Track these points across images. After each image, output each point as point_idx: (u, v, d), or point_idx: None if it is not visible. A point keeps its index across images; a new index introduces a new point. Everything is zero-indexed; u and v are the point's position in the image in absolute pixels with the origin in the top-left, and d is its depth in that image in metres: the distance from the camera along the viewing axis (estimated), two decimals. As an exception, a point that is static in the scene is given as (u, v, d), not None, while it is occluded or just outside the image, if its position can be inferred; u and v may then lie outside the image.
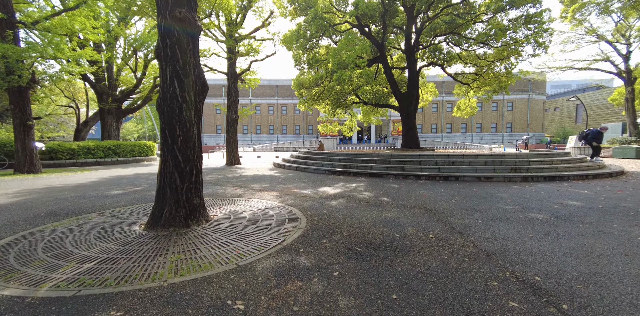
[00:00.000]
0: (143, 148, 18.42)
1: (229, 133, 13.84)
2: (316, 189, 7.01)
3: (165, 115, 3.73)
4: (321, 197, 6.09)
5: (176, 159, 3.74)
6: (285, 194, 6.38)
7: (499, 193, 6.48)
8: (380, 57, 15.49)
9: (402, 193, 6.43)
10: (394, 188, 7.20)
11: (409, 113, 15.61)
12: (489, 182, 8.06)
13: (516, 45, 14.10)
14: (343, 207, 5.18)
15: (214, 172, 10.88)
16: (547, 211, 4.79)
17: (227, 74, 14.14)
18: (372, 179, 8.79)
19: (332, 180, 8.55)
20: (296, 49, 16.29)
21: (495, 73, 16.36)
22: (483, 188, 7.07)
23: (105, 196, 6.31)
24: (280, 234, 3.59)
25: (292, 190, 6.92)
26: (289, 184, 7.83)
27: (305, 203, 5.43)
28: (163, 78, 3.74)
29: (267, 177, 9.32)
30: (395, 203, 5.44)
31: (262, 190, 6.84)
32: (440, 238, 3.50)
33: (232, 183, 7.94)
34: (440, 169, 8.93)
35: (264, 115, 52.63)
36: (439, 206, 5.23)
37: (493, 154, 9.66)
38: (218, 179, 8.79)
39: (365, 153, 10.75)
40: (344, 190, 6.84)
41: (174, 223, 3.65)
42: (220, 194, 6.39)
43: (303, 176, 9.57)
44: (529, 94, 48.09)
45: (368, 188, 7.11)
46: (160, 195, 3.76)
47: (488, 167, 8.87)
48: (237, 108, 14.06)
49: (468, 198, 5.88)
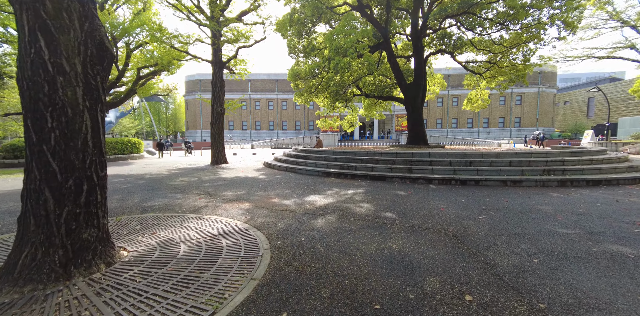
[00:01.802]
0: (127, 145, 17.04)
1: (214, 129, 12.37)
2: (302, 199, 5.54)
3: (25, 94, 2.26)
4: (305, 211, 4.62)
5: (47, 168, 2.28)
6: (259, 207, 4.91)
7: (538, 204, 4.96)
8: (384, 43, 13.86)
9: (411, 205, 4.94)
10: (400, 196, 5.71)
11: (415, 106, 14.02)
12: (517, 188, 6.53)
13: (538, 27, 12.40)
14: (331, 230, 3.70)
15: (189, 174, 9.45)
16: (629, 239, 3.27)
17: (211, 62, 12.63)
18: (373, 183, 7.30)
19: (325, 185, 7.07)
20: (290, 35, 14.71)
21: (509, 61, 14.68)
22: (514, 197, 5.55)
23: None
24: (214, 297, 2.13)
25: (271, 199, 5.45)
26: (271, 191, 6.36)
27: (279, 224, 3.96)
28: (20, 32, 2.25)
29: (248, 181, 7.86)
30: (403, 223, 3.95)
31: (233, 201, 5.38)
32: (485, 305, 2.02)
33: (200, 190, 6.49)
34: (456, 171, 7.41)
35: (263, 110, 51.13)
36: (465, 228, 3.73)
37: (519, 152, 8.11)
38: (187, 184, 7.35)
39: (366, 151, 9.26)
40: (336, 200, 5.36)
41: (37, 275, 2.20)
42: (172, 207, 4.94)
43: (292, 179, 8.10)
44: (539, 87, 46.07)
45: (368, 197, 5.63)
46: (20, 228, 2.31)
47: (514, 168, 7.33)
48: (222, 100, 12.57)
49: (500, 214, 4.38)
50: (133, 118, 58.20)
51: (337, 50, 11.48)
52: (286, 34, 15.08)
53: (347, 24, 11.94)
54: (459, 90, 46.40)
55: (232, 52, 12.77)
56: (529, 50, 13.76)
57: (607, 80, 56.68)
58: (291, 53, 15.27)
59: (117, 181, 7.74)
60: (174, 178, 8.32)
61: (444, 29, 14.58)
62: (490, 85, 16.75)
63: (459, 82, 45.85)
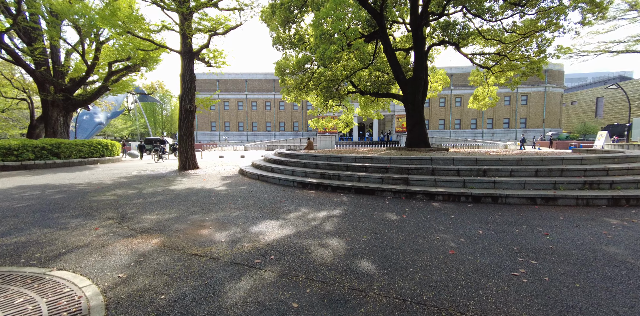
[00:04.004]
0: (96, 147, 15.38)
1: (182, 129, 10.67)
2: (247, 228, 3.82)
3: None
4: (235, 256, 2.90)
5: None
6: (169, 247, 3.20)
7: (599, 242, 3.22)
8: (379, 31, 12.15)
9: (403, 243, 3.22)
10: (390, 223, 3.99)
11: (415, 104, 12.29)
12: (552, 208, 4.79)
13: (558, 10, 10.67)
14: (252, 310, 1.99)
15: (136, 184, 7.74)
16: None
17: (179, 52, 10.96)
18: (357, 199, 5.57)
19: (294, 202, 5.35)
20: (275, 23, 13.06)
21: (521, 54, 12.96)
22: (554, 226, 3.81)
23: None
24: None
25: (200, 231, 3.73)
26: (213, 213, 4.64)
27: (167, 294, 2.24)
28: None
29: (197, 195, 6.15)
30: (386, 289, 2.23)
31: (141, 233, 3.67)
32: None
33: (118, 211, 4.78)
34: (467, 183, 5.67)
35: (260, 111, 49.57)
36: (496, 304, 2.00)
37: (545, 158, 6.35)
38: (112, 201, 5.62)
39: (354, 157, 7.54)
40: (295, 232, 3.65)
41: None
42: (27, 249, 3.23)
43: (256, 192, 6.38)
44: (546, 87, 44.20)
45: (343, 225, 3.90)
46: None
47: (543, 179, 5.58)
48: (193, 96, 10.87)
49: (548, 265, 2.64)
50: (126, 119, 56.69)
51: (322, 37, 9.80)
52: (272, 24, 13.45)
53: (337, 7, 10.26)
54: (462, 90, 44.66)
55: (205, 41, 11.09)
56: (545, 40, 12.03)
57: (616, 79, 54.70)
58: (276, 44, 13.61)
59: (25, 196, 6.03)
60: (109, 190, 6.61)
61: (448, 15, 12.87)
62: (500, 80, 14.99)
63: (462, 81, 44.02)
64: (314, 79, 14.86)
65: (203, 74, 48.55)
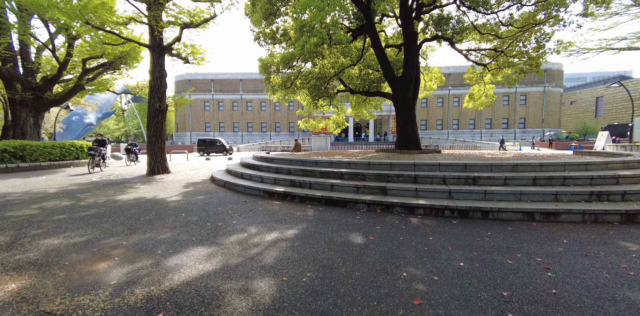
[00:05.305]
0: (69, 150, 14.50)
1: (151, 130, 9.79)
2: (161, 261, 2.97)
3: None
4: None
5: None
6: (20, 299, 2.34)
7: (625, 286, 2.38)
8: (367, 25, 11.33)
9: (357, 284, 2.36)
10: (350, 250, 3.14)
11: (405, 103, 11.45)
12: (554, 225, 3.95)
13: (559, 2, 9.85)
14: None
15: (85, 191, 6.87)
16: None
17: (148, 47, 10.10)
18: (325, 213, 4.73)
19: (247, 218, 4.50)
20: (257, 16, 12.21)
21: (518, 50, 12.17)
22: (556, 253, 2.97)
23: None
24: None
25: (97, 265, 2.87)
26: (139, 234, 3.79)
27: None
28: None
29: (140, 207, 5.29)
30: None
31: (11, 270, 2.82)
32: None
33: (26, 230, 3.91)
34: (453, 193, 4.83)
35: (255, 111, 48.72)
36: None
37: (544, 163, 5.51)
38: (31, 215, 4.75)
39: (331, 161, 6.70)
40: (222, 266, 2.80)
41: None
42: None
43: (212, 203, 5.53)
44: (545, 86, 43.44)
45: (290, 254, 3.05)
46: None
47: (542, 189, 4.74)
48: (163, 94, 10.00)
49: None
50: (117, 120, 55.72)
51: (302, 29, 8.96)
52: (254, 17, 12.59)
53: (318, -2, 9.40)
54: (460, 90, 43.89)
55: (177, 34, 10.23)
56: (544, 35, 11.21)
57: (615, 79, 53.94)
58: (257, 39, 12.76)
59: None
60: (40, 201, 5.74)
61: (441, 7, 12.05)
62: (496, 78, 14.19)
63: (460, 81, 43.17)
64: (301, 76, 14.03)
65: (197, 74, 47.80)
